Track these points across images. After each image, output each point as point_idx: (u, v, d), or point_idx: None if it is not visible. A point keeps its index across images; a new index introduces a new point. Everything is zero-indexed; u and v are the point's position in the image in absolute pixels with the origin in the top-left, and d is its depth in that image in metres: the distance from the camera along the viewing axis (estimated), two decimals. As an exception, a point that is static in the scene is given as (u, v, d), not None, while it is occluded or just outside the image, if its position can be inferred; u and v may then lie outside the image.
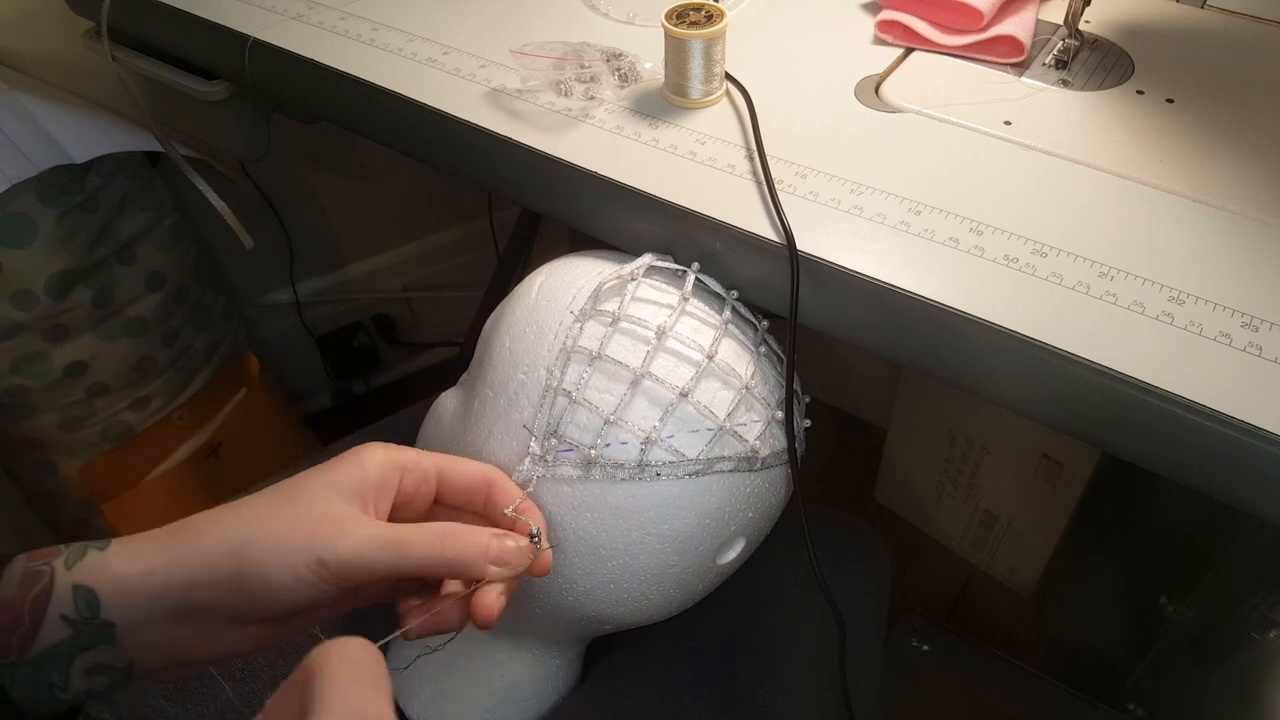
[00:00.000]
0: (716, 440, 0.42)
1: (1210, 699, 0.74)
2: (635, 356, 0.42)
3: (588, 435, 0.41)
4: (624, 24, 0.57)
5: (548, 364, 0.43)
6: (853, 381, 1.27)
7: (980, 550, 1.11)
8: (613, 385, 0.42)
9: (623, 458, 0.41)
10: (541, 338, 0.44)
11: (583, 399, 0.42)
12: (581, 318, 0.43)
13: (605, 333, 0.42)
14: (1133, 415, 0.35)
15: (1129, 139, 0.47)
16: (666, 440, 0.41)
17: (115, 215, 0.85)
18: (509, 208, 1.25)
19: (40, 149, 0.77)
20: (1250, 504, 0.35)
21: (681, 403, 0.41)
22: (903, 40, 0.54)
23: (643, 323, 0.43)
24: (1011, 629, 1.06)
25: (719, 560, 0.46)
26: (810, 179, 0.44)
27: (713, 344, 0.43)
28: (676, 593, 0.45)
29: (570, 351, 0.42)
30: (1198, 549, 0.74)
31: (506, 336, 0.45)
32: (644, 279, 0.45)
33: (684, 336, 0.43)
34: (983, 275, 0.39)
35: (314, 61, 0.54)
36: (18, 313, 0.81)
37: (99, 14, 0.63)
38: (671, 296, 0.44)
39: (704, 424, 0.42)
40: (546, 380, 0.42)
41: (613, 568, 0.43)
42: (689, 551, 0.43)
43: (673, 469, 0.41)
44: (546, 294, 0.45)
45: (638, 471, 0.41)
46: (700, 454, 0.42)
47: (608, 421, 0.41)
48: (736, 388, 0.43)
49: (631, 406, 0.41)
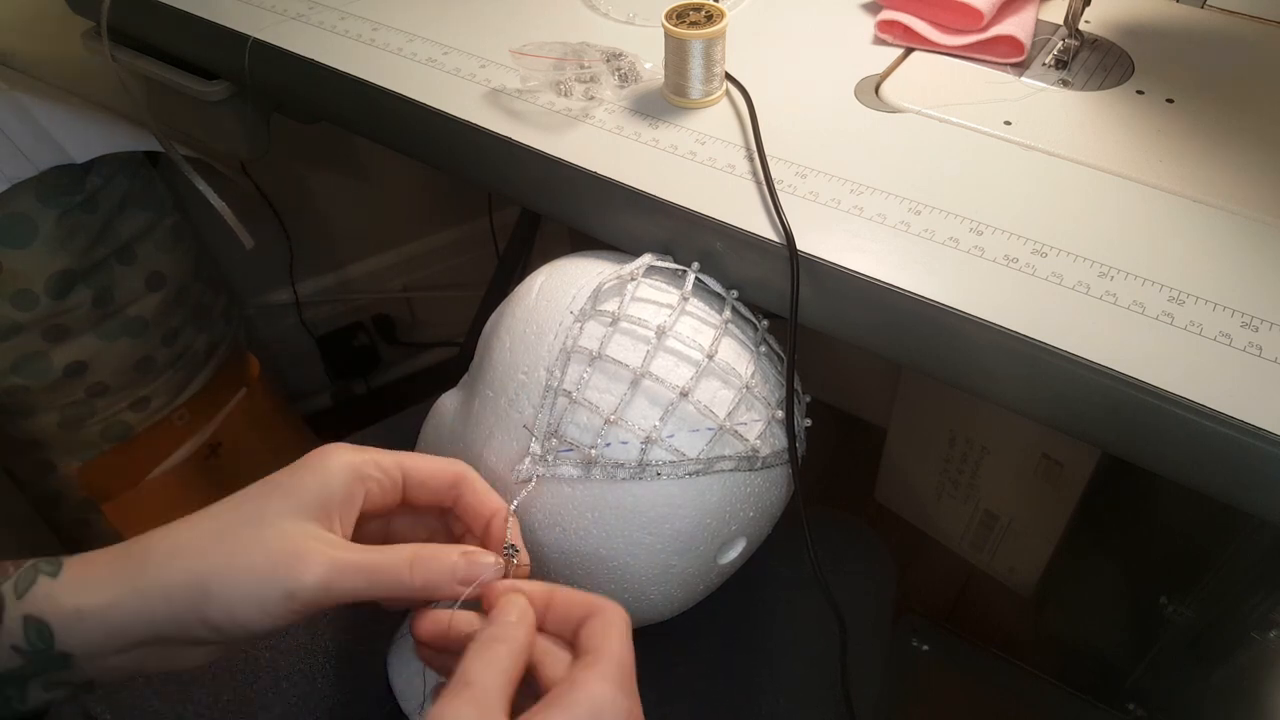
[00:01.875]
0: (717, 439, 0.42)
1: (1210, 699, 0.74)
2: (635, 356, 0.42)
3: (588, 435, 0.41)
4: (624, 24, 0.57)
5: (548, 364, 0.43)
6: (853, 381, 1.27)
7: (980, 550, 1.11)
8: (613, 385, 0.42)
9: (623, 457, 0.41)
10: (542, 338, 0.44)
11: (583, 399, 0.42)
12: (581, 318, 0.43)
13: (605, 333, 0.42)
14: (1133, 415, 0.35)
15: (1129, 139, 0.47)
16: (667, 440, 0.41)
17: (115, 215, 0.85)
18: (509, 208, 1.25)
19: (40, 149, 0.77)
20: (1250, 504, 0.35)
21: (682, 402, 0.41)
22: (903, 40, 0.54)
23: (642, 322, 0.43)
24: (1011, 629, 1.06)
25: (720, 560, 0.46)
26: (810, 179, 0.44)
27: (713, 343, 0.43)
28: (678, 593, 0.45)
29: (570, 352, 0.42)
30: (1198, 549, 0.74)
31: (507, 337, 0.45)
32: (644, 279, 0.45)
33: (684, 336, 0.43)
34: (983, 275, 0.39)
35: (314, 61, 0.54)
36: (18, 313, 0.81)
37: (99, 14, 0.63)
38: (671, 296, 0.44)
39: (704, 423, 0.42)
40: (547, 380, 0.42)
41: (614, 569, 0.43)
42: (690, 551, 0.43)
43: (673, 468, 0.41)
44: (546, 294, 0.45)
45: (638, 471, 0.41)
46: (701, 453, 0.42)
47: (608, 421, 0.41)
48: (737, 387, 0.43)
49: (632, 406, 0.41)
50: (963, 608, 1.10)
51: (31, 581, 0.33)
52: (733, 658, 0.54)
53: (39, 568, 0.33)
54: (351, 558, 0.34)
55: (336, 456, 0.36)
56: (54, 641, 0.32)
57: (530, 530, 0.43)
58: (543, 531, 0.43)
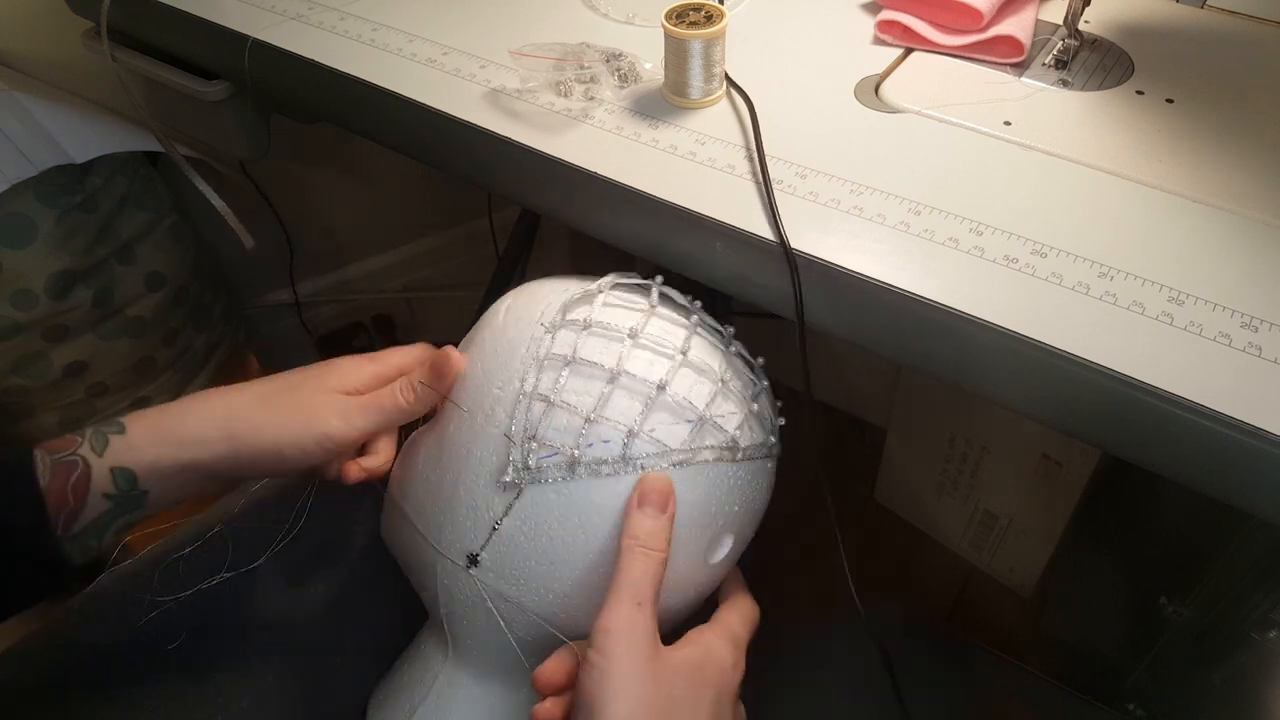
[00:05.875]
0: (698, 430, 0.42)
1: (1210, 699, 0.74)
2: (609, 357, 0.42)
3: (569, 437, 0.42)
4: (624, 24, 0.57)
5: (521, 374, 0.43)
6: (853, 381, 1.27)
7: (980, 550, 1.11)
8: (589, 385, 0.42)
9: (606, 454, 0.41)
10: (514, 352, 0.44)
11: (560, 401, 0.42)
12: (552, 328, 0.44)
13: (577, 338, 0.43)
14: (1133, 415, 0.35)
15: (1129, 139, 0.47)
16: (648, 432, 0.42)
17: (115, 215, 0.85)
18: (509, 208, 1.24)
19: (40, 149, 0.77)
20: (1250, 504, 0.35)
21: (660, 395, 0.42)
22: (902, 40, 0.54)
23: (613, 327, 0.43)
24: (1011, 629, 1.06)
25: (710, 560, 0.46)
26: (810, 179, 0.44)
27: (684, 342, 0.44)
28: (673, 599, 0.45)
29: (544, 360, 0.43)
30: (1198, 549, 0.74)
31: (478, 357, 0.46)
32: (610, 292, 0.46)
33: (655, 336, 0.44)
34: (983, 275, 0.39)
35: (314, 62, 0.54)
36: (17, 313, 0.81)
37: (99, 14, 0.63)
38: (640, 305, 0.45)
39: (684, 414, 0.42)
40: (520, 388, 0.43)
41: (604, 575, 0.41)
42: (680, 550, 0.43)
43: (657, 459, 0.41)
44: (515, 313, 0.46)
45: (622, 465, 0.41)
46: (683, 443, 0.42)
47: (588, 420, 0.41)
48: (713, 380, 0.44)
49: (611, 403, 0.42)
50: (963, 608, 1.10)
51: (105, 442, 0.41)
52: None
53: (103, 430, 0.41)
54: (358, 401, 0.45)
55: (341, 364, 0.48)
56: (137, 483, 0.41)
57: (517, 544, 0.43)
58: (529, 543, 0.43)
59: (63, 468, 0.40)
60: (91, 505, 0.40)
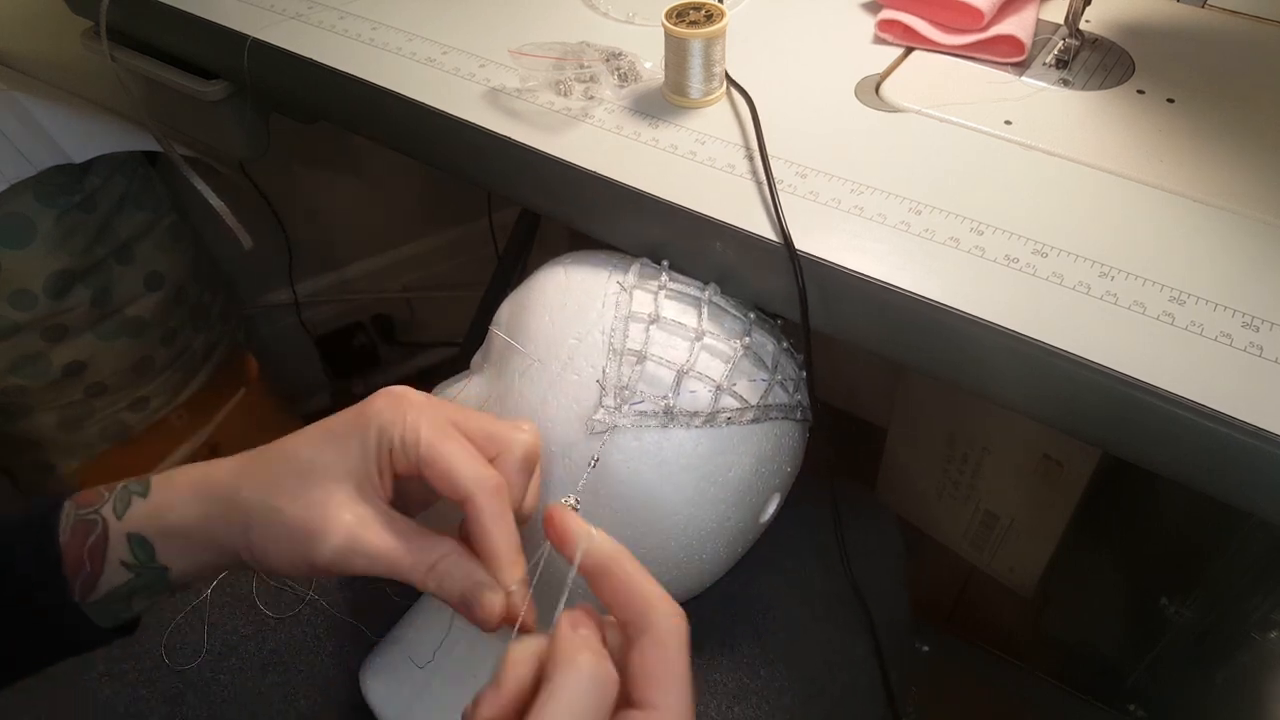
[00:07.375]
0: (769, 390, 0.45)
1: (1211, 699, 0.74)
2: (690, 318, 0.45)
3: (661, 387, 0.43)
4: (624, 23, 0.57)
5: (603, 328, 0.44)
6: (853, 381, 1.27)
7: (980, 550, 1.11)
8: (676, 341, 0.44)
9: (696, 406, 0.43)
10: (588, 306, 0.45)
11: (651, 354, 0.43)
12: (628, 289, 0.45)
13: (656, 299, 0.45)
14: (1133, 415, 0.35)
15: (1129, 139, 0.47)
16: (731, 388, 0.44)
17: (114, 215, 0.85)
18: (509, 208, 1.24)
19: (39, 149, 0.77)
20: (1250, 504, 0.35)
21: (742, 353, 0.44)
22: (903, 40, 0.54)
23: (686, 293, 0.45)
24: (1011, 629, 1.06)
25: (761, 518, 0.48)
26: (810, 179, 0.44)
27: (750, 308, 0.47)
28: (725, 552, 0.47)
29: (628, 317, 0.44)
30: (1198, 549, 0.74)
31: (544, 312, 0.46)
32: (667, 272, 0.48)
33: (724, 303, 0.46)
34: (983, 275, 0.39)
35: (313, 61, 0.54)
36: (16, 313, 0.80)
37: (98, 14, 0.63)
38: (695, 284, 0.47)
39: (759, 374, 0.45)
40: (609, 341, 0.44)
41: (674, 523, 0.44)
42: (744, 503, 0.46)
43: (739, 415, 0.44)
44: (577, 275, 0.47)
45: (711, 418, 0.43)
46: (759, 400, 0.44)
47: (682, 372, 0.43)
48: (775, 345, 0.47)
49: (698, 359, 0.43)
50: (963, 608, 1.10)
51: (127, 503, 0.36)
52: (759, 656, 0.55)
53: (130, 489, 0.37)
54: (370, 542, 0.34)
55: (388, 421, 0.36)
56: (155, 555, 0.36)
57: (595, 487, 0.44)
58: (608, 487, 0.44)
59: (83, 526, 0.36)
60: (110, 571, 0.36)
